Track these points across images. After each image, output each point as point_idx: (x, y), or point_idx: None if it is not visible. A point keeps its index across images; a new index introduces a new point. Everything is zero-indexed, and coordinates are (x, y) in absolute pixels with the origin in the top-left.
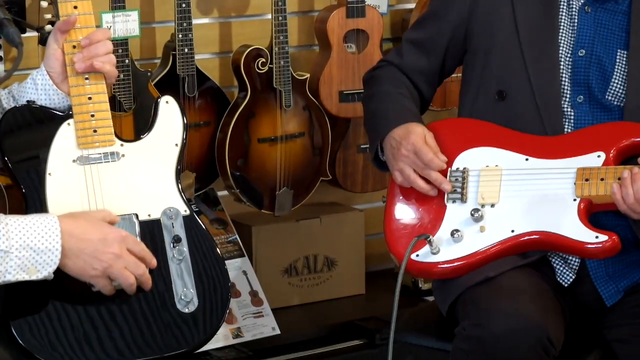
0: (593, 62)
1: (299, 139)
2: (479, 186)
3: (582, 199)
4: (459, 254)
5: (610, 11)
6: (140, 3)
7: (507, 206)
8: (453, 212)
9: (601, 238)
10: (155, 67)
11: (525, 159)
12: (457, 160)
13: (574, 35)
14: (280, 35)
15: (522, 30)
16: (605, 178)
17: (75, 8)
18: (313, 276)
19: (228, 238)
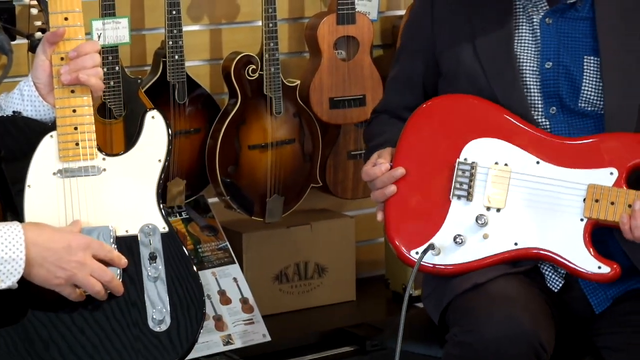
0: (561, 72)
1: (290, 146)
2: (486, 187)
3: (589, 220)
4: (459, 260)
5: (572, 19)
6: (130, 10)
7: (512, 214)
8: (457, 211)
9: (604, 270)
10: (145, 74)
11: (537, 161)
12: (465, 149)
13: (538, 48)
14: (270, 42)
15: (480, 48)
16: (615, 202)
17: (66, 19)
18: (304, 283)
19: (219, 245)
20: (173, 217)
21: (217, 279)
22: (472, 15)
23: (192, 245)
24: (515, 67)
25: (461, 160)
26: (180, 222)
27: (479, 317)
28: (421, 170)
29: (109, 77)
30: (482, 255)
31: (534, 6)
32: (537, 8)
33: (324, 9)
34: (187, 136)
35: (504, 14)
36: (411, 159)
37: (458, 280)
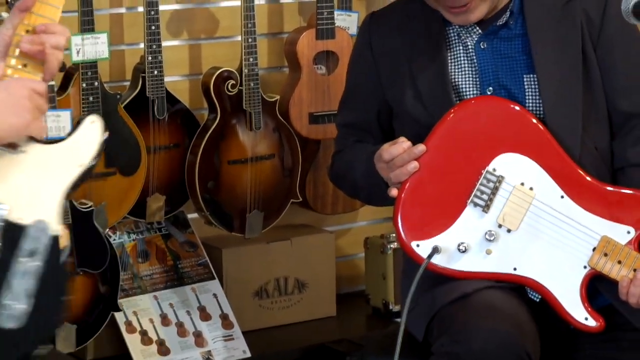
0: (503, 96)
1: (269, 161)
2: (505, 204)
3: (592, 269)
4: (456, 267)
5: (506, 39)
6: (109, 25)
7: (521, 239)
8: (469, 217)
9: (590, 322)
10: (124, 89)
11: (561, 195)
12: (497, 159)
13: (477, 75)
14: (250, 57)
15: (420, 86)
16: (622, 262)
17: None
18: (284, 298)
19: (198, 261)
20: (152, 233)
21: (196, 295)
22: (409, 52)
23: (171, 261)
24: (452, 101)
25: (489, 170)
26: (159, 238)
27: (466, 328)
28: (448, 165)
29: (88, 93)
30: (479, 269)
31: (467, 32)
32: (471, 33)
33: (303, 24)
34: (167, 151)
35: (438, 46)
36: (443, 150)
37: (444, 290)
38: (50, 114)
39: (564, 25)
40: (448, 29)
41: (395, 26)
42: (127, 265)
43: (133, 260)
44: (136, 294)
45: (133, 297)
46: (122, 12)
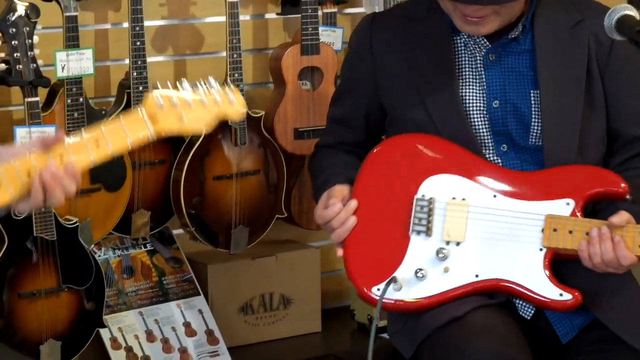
0: (509, 110)
1: (254, 177)
2: (445, 221)
3: (549, 249)
4: (421, 294)
5: (515, 53)
6: (94, 41)
7: (472, 247)
8: (417, 246)
9: (565, 296)
10: (109, 105)
11: (493, 195)
12: (422, 186)
13: (483, 87)
14: (234, 73)
15: (424, 93)
16: (573, 231)
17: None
18: (269, 314)
19: (184, 277)
20: (138, 249)
21: (182, 311)
22: (412, 57)
23: (157, 277)
24: (461, 109)
25: (419, 197)
26: (145, 254)
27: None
28: (380, 208)
29: (73, 109)
30: (444, 288)
31: (475, 43)
32: (479, 45)
33: (288, 40)
34: (152, 167)
35: (445, 54)
36: (369, 197)
37: (433, 314)
38: (35, 130)
39: (571, 46)
40: (455, 38)
41: (399, 29)
42: (112, 282)
43: (118, 276)
44: (121, 310)
45: (118, 313)
46: (107, 28)
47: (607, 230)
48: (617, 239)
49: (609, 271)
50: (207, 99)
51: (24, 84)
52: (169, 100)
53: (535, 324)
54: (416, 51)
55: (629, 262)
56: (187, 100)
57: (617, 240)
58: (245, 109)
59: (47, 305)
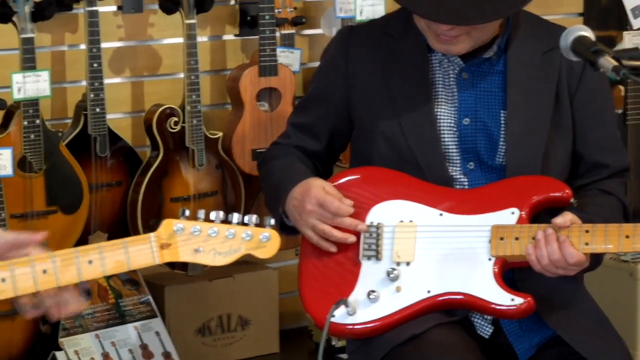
0: (479, 128)
1: (212, 198)
2: (393, 243)
3: (497, 258)
4: (375, 316)
5: (487, 73)
6: (51, 63)
7: (422, 265)
8: (368, 270)
9: (517, 301)
10: (66, 127)
11: (440, 214)
12: (370, 214)
13: (455, 104)
14: (192, 94)
15: (399, 108)
16: (519, 237)
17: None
18: (227, 336)
19: (141, 299)
20: None
21: (139, 333)
22: (388, 71)
23: (113, 299)
24: (433, 125)
25: (367, 224)
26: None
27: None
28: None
29: (30, 131)
30: (397, 307)
31: (450, 62)
32: (453, 64)
33: (246, 61)
34: (109, 189)
35: (421, 70)
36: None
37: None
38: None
39: (543, 71)
40: (430, 56)
41: (375, 44)
42: None
43: None
44: (78, 333)
45: (74, 336)
46: (64, 50)
47: (552, 231)
48: (563, 239)
49: (559, 273)
50: (235, 234)
51: None
52: (187, 228)
53: (494, 343)
54: (392, 66)
55: (575, 260)
56: (209, 232)
57: (562, 240)
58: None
59: (2, 328)
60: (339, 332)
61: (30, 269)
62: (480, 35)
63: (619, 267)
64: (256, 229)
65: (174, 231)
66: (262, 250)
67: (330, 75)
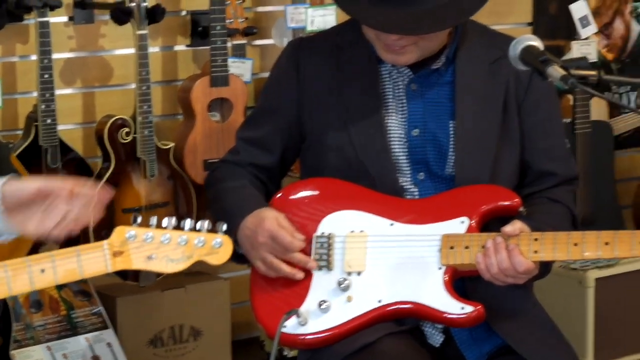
0: (428, 139)
1: (164, 208)
2: (344, 253)
3: (447, 267)
4: (326, 326)
5: (436, 84)
6: (1, 74)
7: (373, 274)
8: (320, 281)
9: (467, 309)
10: (17, 138)
11: (390, 224)
12: (321, 224)
13: (405, 115)
14: (144, 105)
15: (349, 119)
16: (469, 246)
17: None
18: (179, 347)
19: (92, 310)
20: None
21: (90, 345)
22: (339, 83)
23: (65, 311)
24: (383, 136)
25: (318, 234)
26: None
27: None
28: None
29: None
30: (348, 317)
31: (399, 73)
32: (402, 75)
33: (198, 72)
34: None
35: (371, 81)
36: None
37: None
38: None
39: (490, 81)
40: (380, 67)
41: (326, 55)
42: (19, 316)
43: (26, 310)
44: (29, 345)
45: (26, 348)
46: (15, 61)
47: (502, 240)
48: (512, 247)
49: (509, 281)
50: (187, 240)
51: None
52: (140, 235)
53: (444, 352)
54: (343, 78)
55: (524, 268)
56: (161, 239)
57: (511, 248)
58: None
59: None
60: (290, 343)
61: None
62: (428, 45)
63: (568, 274)
64: (209, 234)
65: (126, 238)
66: (215, 256)
67: (280, 87)
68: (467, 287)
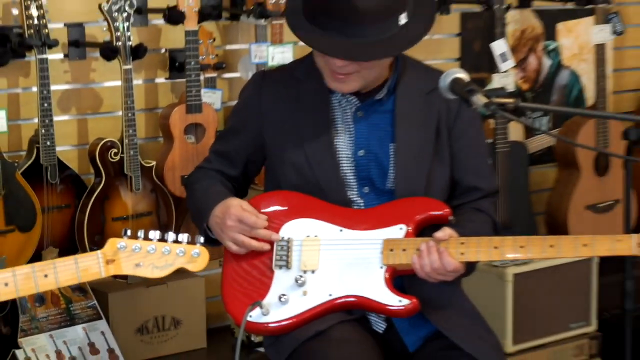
0: (371, 159)
1: (148, 217)
2: (301, 255)
3: (388, 266)
4: (285, 315)
5: (379, 112)
6: (7, 103)
7: (325, 272)
8: (280, 277)
9: (404, 302)
10: (21, 158)
11: (340, 230)
12: (282, 230)
13: (352, 138)
14: (129, 129)
15: (304, 141)
16: (407, 249)
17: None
18: (162, 334)
19: (88, 304)
20: None
21: (87, 333)
22: (295, 109)
23: (64, 305)
24: (333, 156)
25: (279, 239)
26: None
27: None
28: (249, 252)
29: None
30: (304, 308)
31: (347, 102)
32: (350, 103)
33: (175, 100)
34: (59, 211)
35: (322, 109)
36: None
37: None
38: None
39: (425, 109)
40: (331, 96)
41: (284, 86)
42: (25, 309)
43: (31, 304)
44: (34, 334)
45: (31, 336)
46: (19, 92)
47: (434, 243)
48: (442, 250)
49: (439, 279)
50: (170, 251)
51: None
52: (129, 246)
53: (387, 336)
54: (298, 106)
55: (452, 267)
56: (148, 249)
57: (441, 251)
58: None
59: None
60: (255, 330)
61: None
62: (368, 75)
63: (490, 271)
64: (188, 246)
65: (117, 249)
66: (194, 264)
67: (246, 112)
68: (405, 284)
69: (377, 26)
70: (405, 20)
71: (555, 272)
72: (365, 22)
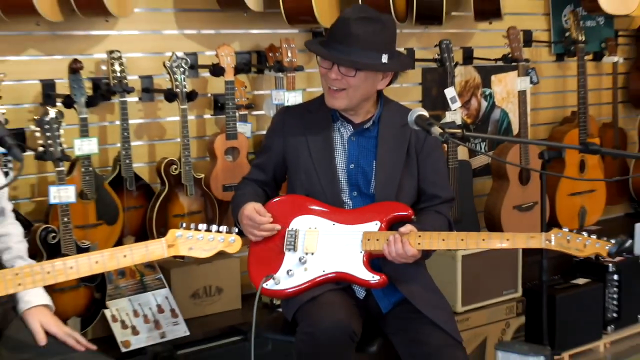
0: (359, 171)
1: (199, 215)
2: (304, 241)
3: (365, 252)
4: (291, 285)
5: (367, 137)
6: (98, 132)
7: (321, 254)
8: (289, 257)
9: (376, 278)
10: (108, 172)
11: (333, 224)
12: (291, 223)
13: (346, 155)
14: (185, 151)
15: (313, 155)
16: (379, 239)
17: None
18: (209, 298)
19: (156, 276)
20: None
21: (155, 298)
22: (307, 134)
23: (139, 277)
24: (333, 167)
25: (289, 229)
26: None
27: (316, 317)
28: (271, 236)
29: (85, 174)
30: (305, 280)
31: (345, 128)
32: (347, 129)
33: (218, 131)
34: (135, 210)
35: (327, 132)
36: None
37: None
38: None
39: (400, 138)
40: (334, 124)
41: (301, 117)
42: (111, 280)
43: (115, 277)
44: (117, 298)
45: (115, 299)
46: (106, 125)
47: (399, 236)
48: (404, 240)
49: (403, 261)
50: (214, 238)
51: (55, 159)
52: (184, 235)
53: (366, 302)
54: (310, 131)
55: (411, 253)
56: (198, 237)
57: (404, 241)
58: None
59: (71, 296)
60: (270, 294)
61: (87, 260)
62: (354, 95)
63: (446, 254)
64: (227, 234)
65: (176, 237)
66: (231, 248)
67: (273, 135)
68: (381, 264)
69: (364, 52)
70: (386, 61)
71: (491, 253)
72: (357, 47)
